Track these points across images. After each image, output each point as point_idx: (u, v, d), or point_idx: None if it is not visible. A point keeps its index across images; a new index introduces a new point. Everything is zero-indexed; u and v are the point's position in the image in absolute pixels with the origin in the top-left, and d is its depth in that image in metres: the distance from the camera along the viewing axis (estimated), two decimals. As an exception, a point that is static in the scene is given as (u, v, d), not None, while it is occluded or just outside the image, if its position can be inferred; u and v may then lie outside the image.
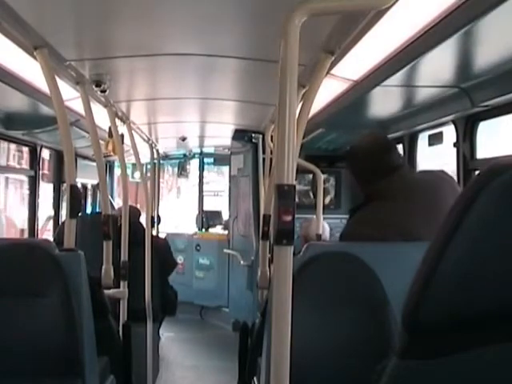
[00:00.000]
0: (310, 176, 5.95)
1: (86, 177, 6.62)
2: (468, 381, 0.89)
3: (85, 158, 6.25)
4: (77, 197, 2.81)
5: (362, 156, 2.82)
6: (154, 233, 6.69)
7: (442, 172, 2.85)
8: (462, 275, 0.89)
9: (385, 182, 2.67)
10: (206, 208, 9.51)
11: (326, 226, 4.90)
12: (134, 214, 4.98)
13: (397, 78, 2.80)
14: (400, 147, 4.39)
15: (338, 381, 2.19)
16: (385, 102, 3.67)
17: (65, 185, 3.26)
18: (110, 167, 8.13)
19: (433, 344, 0.92)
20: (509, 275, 0.87)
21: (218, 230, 8.90)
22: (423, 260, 0.93)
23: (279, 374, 1.45)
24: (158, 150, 7.67)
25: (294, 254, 1.48)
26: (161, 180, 9.63)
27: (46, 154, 5.47)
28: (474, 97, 3.07)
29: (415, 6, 2.02)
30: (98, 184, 6.53)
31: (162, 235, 7.57)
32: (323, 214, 4.63)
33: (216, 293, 8.04)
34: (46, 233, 6.13)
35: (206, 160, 9.58)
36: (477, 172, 0.91)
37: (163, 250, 5.59)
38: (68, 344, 2.46)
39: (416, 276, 0.93)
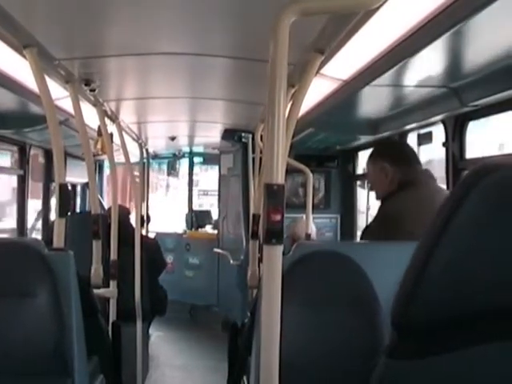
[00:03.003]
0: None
1: (76, 176, 6.60)
2: (458, 380, 0.90)
3: (74, 157, 6.23)
4: (66, 196, 2.80)
5: (399, 144, 3.32)
6: (144, 232, 6.67)
7: None
8: (451, 274, 0.89)
9: (418, 168, 2.94)
10: (195, 207, 9.48)
11: (312, 227, 4.90)
12: (124, 213, 4.97)
13: (386, 77, 2.81)
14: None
15: (327, 380, 2.19)
16: (374, 102, 3.68)
17: (54, 184, 3.24)
18: (99, 166, 8.10)
19: (422, 343, 0.92)
20: (498, 273, 0.87)
21: (207, 229, 8.89)
22: (412, 259, 0.93)
23: (269, 373, 1.45)
24: (147, 150, 7.65)
25: (283, 253, 1.48)
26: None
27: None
28: (464, 96, 3.08)
29: (404, 6, 2.03)
30: (87, 183, 6.51)
31: (151, 235, 7.55)
32: (312, 213, 4.64)
33: (206, 292, 8.02)
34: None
35: (195, 159, 9.57)
36: (466, 171, 0.92)
37: (153, 250, 5.58)
38: (57, 344, 2.45)
39: (405, 275, 0.93)
